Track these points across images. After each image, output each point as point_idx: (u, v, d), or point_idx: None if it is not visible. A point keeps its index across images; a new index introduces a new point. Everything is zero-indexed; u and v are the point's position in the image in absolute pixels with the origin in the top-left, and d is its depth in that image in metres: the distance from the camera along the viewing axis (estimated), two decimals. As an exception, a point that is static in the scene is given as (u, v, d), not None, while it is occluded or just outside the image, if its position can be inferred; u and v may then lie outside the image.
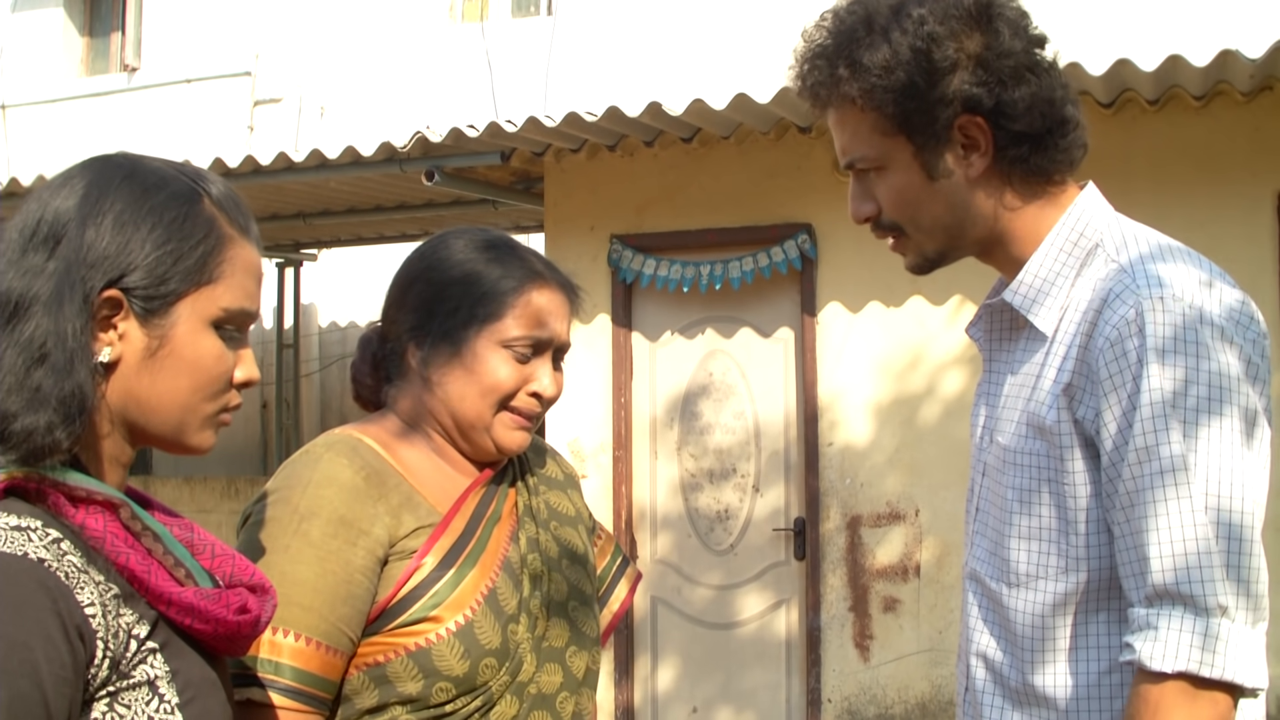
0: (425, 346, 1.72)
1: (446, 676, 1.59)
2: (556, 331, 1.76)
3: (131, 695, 1.20)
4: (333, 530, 1.58)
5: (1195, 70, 4.80)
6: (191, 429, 1.32)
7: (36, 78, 10.78)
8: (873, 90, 1.55)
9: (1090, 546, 1.50)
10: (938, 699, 5.49)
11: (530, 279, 1.75)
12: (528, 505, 1.78)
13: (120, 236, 1.26)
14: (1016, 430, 1.57)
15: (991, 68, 1.54)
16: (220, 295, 1.31)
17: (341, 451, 1.65)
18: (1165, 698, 1.38)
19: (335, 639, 1.56)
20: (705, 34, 8.33)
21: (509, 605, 1.67)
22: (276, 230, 7.89)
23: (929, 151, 1.57)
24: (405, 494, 1.66)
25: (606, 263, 6.12)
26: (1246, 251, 5.06)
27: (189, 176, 1.33)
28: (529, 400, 1.73)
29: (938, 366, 5.60)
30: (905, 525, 5.59)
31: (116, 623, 1.19)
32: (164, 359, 1.28)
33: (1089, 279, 1.55)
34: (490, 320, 1.70)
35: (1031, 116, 1.55)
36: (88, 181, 1.28)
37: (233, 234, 1.33)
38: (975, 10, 1.55)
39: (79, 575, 1.17)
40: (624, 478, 6.08)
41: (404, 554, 1.62)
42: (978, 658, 1.62)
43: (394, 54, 9.32)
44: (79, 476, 1.22)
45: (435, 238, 1.81)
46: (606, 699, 6.04)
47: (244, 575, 1.35)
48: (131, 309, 1.26)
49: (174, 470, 9.69)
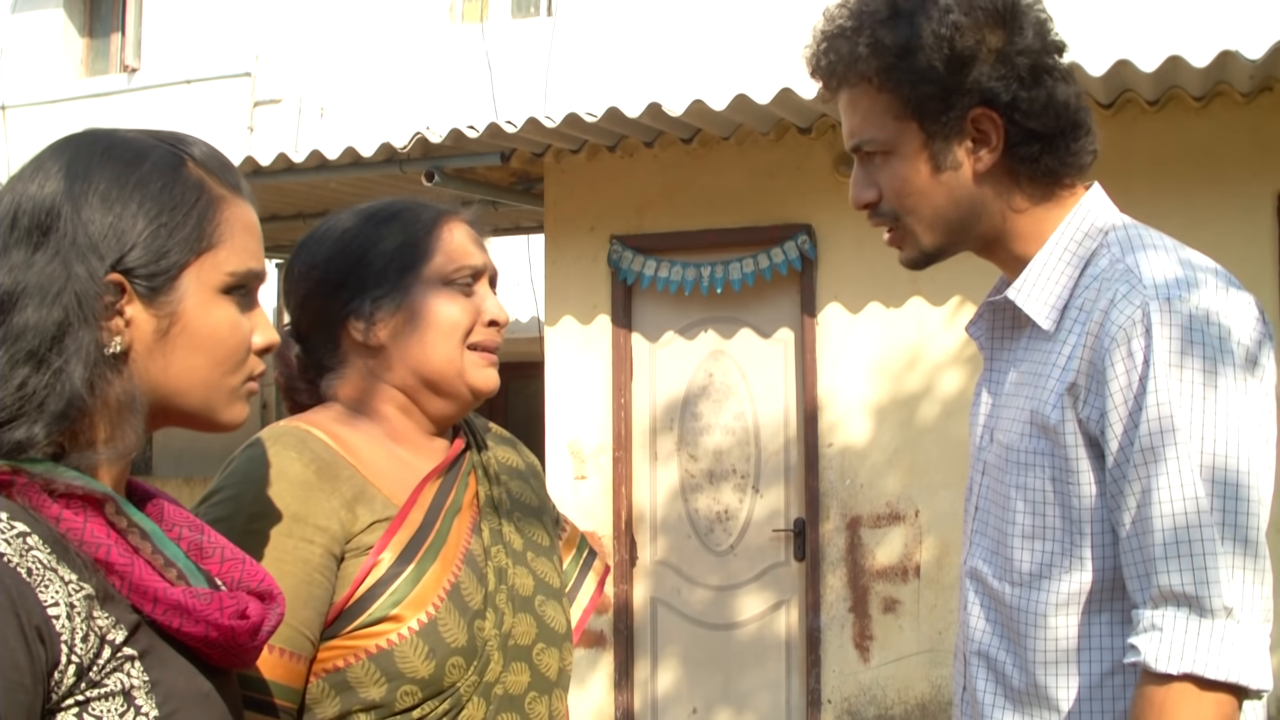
0: (366, 316, 1.64)
1: (411, 679, 1.50)
2: (485, 257, 1.71)
3: (103, 706, 1.09)
4: (286, 529, 1.49)
5: (1195, 71, 4.80)
6: (220, 405, 1.25)
7: (36, 78, 10.78)
8: (890, 70, 1.55)
9: (1094, 546, 1.50)
10: (938, 699, 5.49)
11: (440, 215, 1.70)
12: (489, 495, 1.69)
13: (110, 215, 1.17)
14: (1019, 429, 1.56)
15: (1011, 63, 1.54)
16: (224, 259, 1.23)
17: (289, 444, 1.56)
18: (1170, 699, 1.37)
19: (296, 644, 1.47)
20: (705, 35, 8.33)
21: (474, 600, 1.58)
22: (276, 231, 7.87)
23: (939, 140, 1.56)
24: (358, 486, 1.56)
25: (606, 263, 6.12)
26: (1246, 252, 5.06)
27: (168, 142, 1.25)
28: (488, 331, 1.68)
29: (938, 367, 5.60)
30: (905, 526, 5.58)
31: (86, 625, 1.08)
32: (176, 337, 1.20)
33: (1094, 278, 1.54)
34: (423, 262, 1.65)
35: (1045, 116, 1.55)
36: (65, 163, 1.19)
37: (224, 193, 1.25)
38: (1001, 6, 1.55)
39: (44, 572, 1.07)
40: (624, 478, 6.07)
41: (360, 550, 1.53)
42: (978, 657, 1.61)
43: (394, 55, 9.32)
44: (60, 469, 1.13)
45: (318, 225, 1.73)
46: (606, 701, 6.04)
47: (253, 581, 1.26)
48: (135, 291, 1.18)
49: (175, 471, 9.69)
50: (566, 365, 6.21)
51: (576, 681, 5.93)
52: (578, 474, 6.14)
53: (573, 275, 6.20)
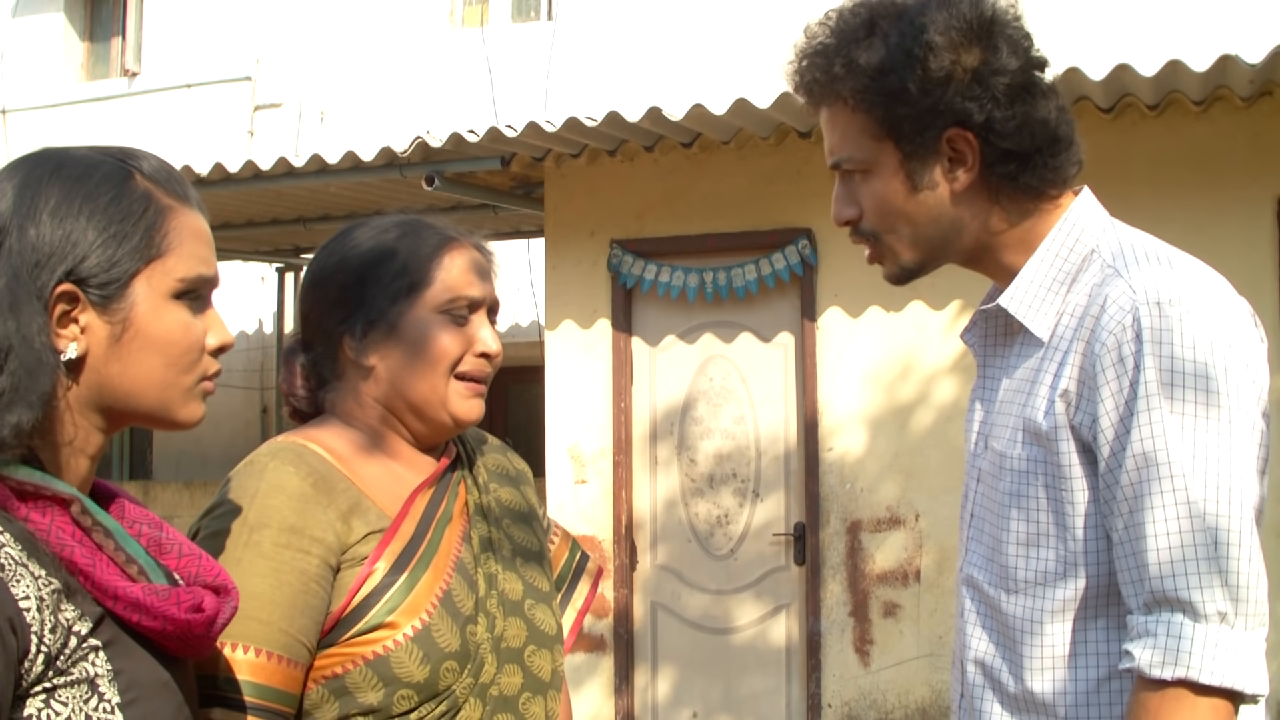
0: (359, 335, 1.67)
1: (407, 683, 1.55)
2: (486, 288, 1.72)
3: (69, 693, 1.17)
4: (285, 540, 1.54)
5: (1195, 75, 4.80)
6: (175, 404, 1.31)
7: (37, 82, 10.79)
8: (864, 91, 1.55)
9: (1088, 553, 1.50)
10: (938, 704, 5.49)
11: (446, 242, 1.72)
12: (479, 503, 1.74)
13: (61, 229, 1.24)
14: (1012, 435, 1.57)
15: (986, 84, 1.53)
16: (173, 266, 1.29)
17: (287, 459, 1.61)
18: (1165, 705, 1.37)
19: (294, 651, 1.52)
20: (705, 39, 8.34)
21: (465, 606, 1.62)
22: (276, 235, 7.89)
23: (915, 160, 1.57)
24: (353, 499, 1.61)
25: (606, 268, 6.12)
26: (1246, 256, 5.06)
27: (116, 157, 1.32)
28: (478, 362, 1.70)
29: (938, 372, 5.60)
30: (905, 530, 5.58)
31: (55, 617, 1.16)
32: (130, 342, 1.27)
33: (1085, 285, 1.55)
34: (420, 289, 1.67)
35: (1021, 136, 1.54)
36: (17, 183, 1.26)
37: (171, 204, 1.31)
38: (977, 25, 1.54)
39: (16, 568, 1.15)
40: (624, 483, 6.07)
41: (355, 561, 1.58)
42: (974, 664, 1.62)
43: (394, 59, 9.33)
44: (28, 471, 1.20)
45: (336, 234, 1.77)
46: (605, 705, 6.03)
47: (208, 575, 1.32)
48: (88, 299, 1.25)
49: (174, 475, 9.70)
50: (567, 369, 6.21)
51: (575, 686, 5.92)
52: (578, 478, 6.14)
53: (573, 279, 6.20)
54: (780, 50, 1.72)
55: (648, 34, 8.53)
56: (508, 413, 9.36)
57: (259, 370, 9.69)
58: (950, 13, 1.54)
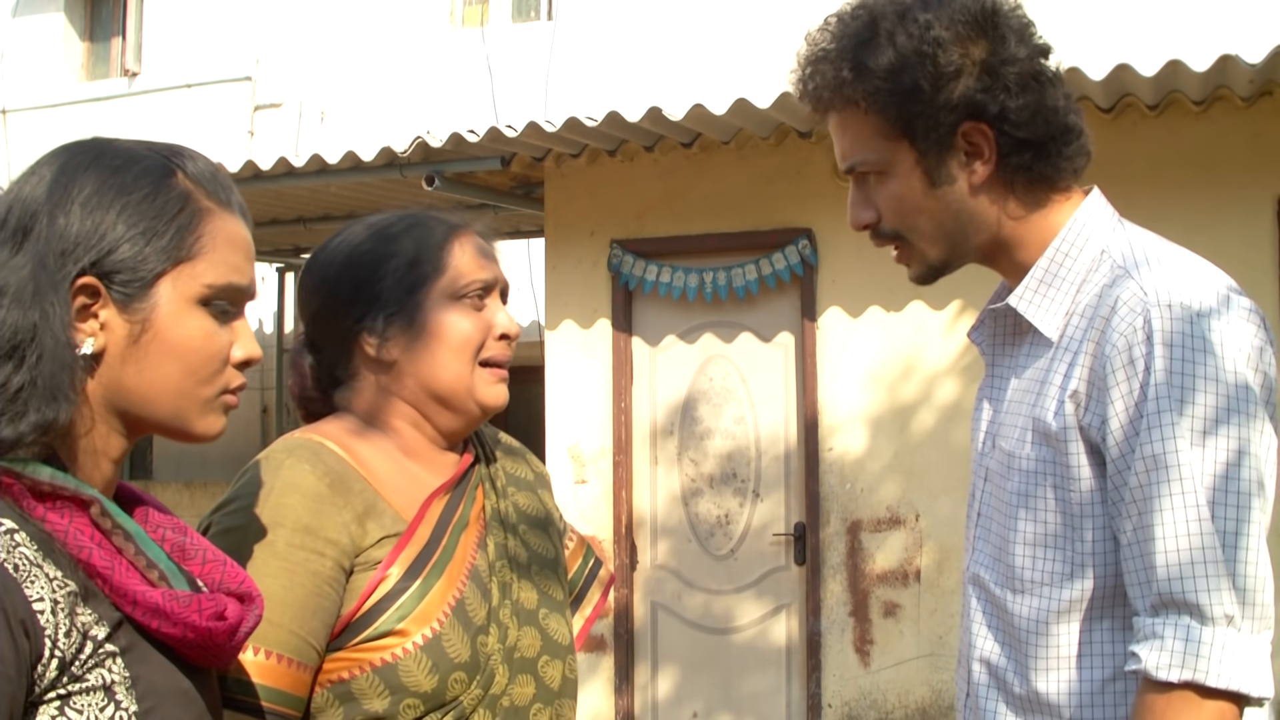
0: (378, 331, 1.65)
1: (414, 693, 1.52)
2: (496, 269, 1.72)
3: (84, 700, 1.12)
4: (299, 540, 1.51)
5: (1195, 75, 4.80)
6: (192, 415, 1.25)
7: (37, 82, 10.79)
8: (877, 93, 1.55)
9: (1095, 554, 1.50)
10: (938, 704, 5.49)
11: (453, 229, 1.71)
12: (495, 509, 1.71)
13: (90, 220, 1.19)
14: (1021, 435, 1.57)
15: (996, 74, 1.54)
16: (202, 272, 1.24)
17: (303, 457, 1.58)
18: (1171, 707, 1.38)
19: (303, 654, 1.50)
20: (705, 39, 8.34)
21: (478, 616, 1.60)
22: (276, 235, 7.88)
23: (932, 157, 1.57)
24: (369, 500, 1.59)
25: (607, 268, 6.12)
26: (1246, 256, 5.06)
27: (161, 153, 1.27)
28: (499, 345, 1.69)
29: (938, 372, 5.60)
30: (905, 530, 5.58)
31: (70, 621, 1.11)
32: (148, 345, 1.22)
33: (1095, 285, 1.55)
34: (435, 276, 1.66)
35: (1035, 124, 1.55)
36: (55, 168, 1.22)
37: (210, 207, 1.26)
38: (981, 17, 1.55)
39: (30, 569, 1.10)
40: (624, 483, 6.07)
41: (369, 565, 1.56)
42: (980, 663, 1.62)
43: (394, 59, 9.33)
44: (48, 470, 1.15)
45: (332, 236, 1.75)
46: (606, 705, 6.03)
47: (233, 582, 1.27)
48: (110, 295, 1.20)
49: (174, 475, 9.69)
50: (567, 369, 6.21)
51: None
52: (578, 478, 6.14)
53: (573, 279, 6.20)
54: (780, 50, 1.72)
55: (648, 34, 8.53)
56: (508, 412, 9.34)
57: (259, 370, 9.68)
58: (952, 7, 1.54)
